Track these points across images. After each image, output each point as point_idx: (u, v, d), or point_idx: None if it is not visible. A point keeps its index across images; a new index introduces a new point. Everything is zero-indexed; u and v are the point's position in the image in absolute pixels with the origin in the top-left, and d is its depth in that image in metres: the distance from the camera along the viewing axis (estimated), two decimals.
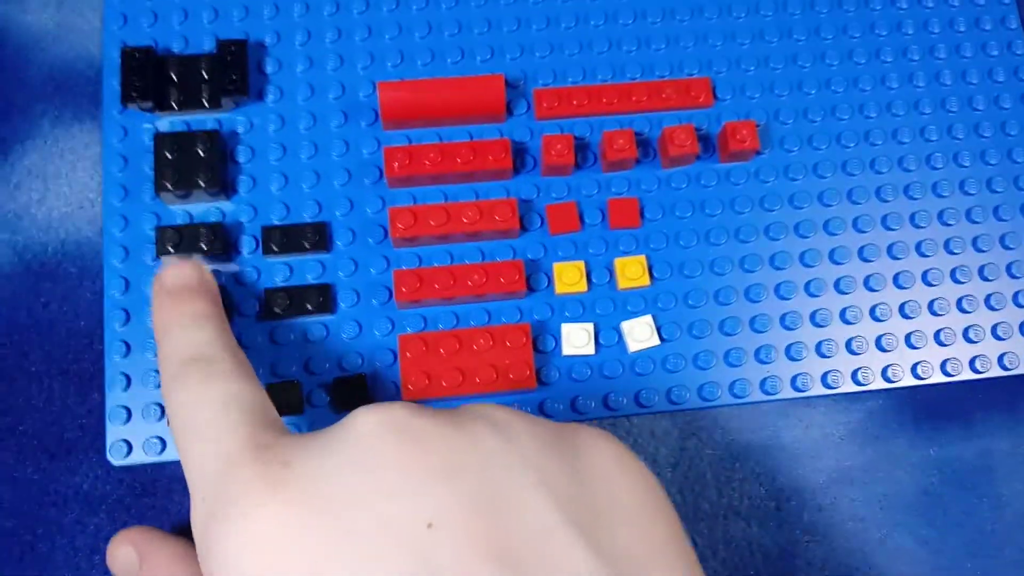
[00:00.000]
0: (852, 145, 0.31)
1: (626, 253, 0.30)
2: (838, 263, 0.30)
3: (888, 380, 0.29)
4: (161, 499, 0.28)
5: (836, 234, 0.30)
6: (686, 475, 0.30)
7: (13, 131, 0.31)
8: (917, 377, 0.30)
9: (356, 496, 0.17)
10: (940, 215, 0.31)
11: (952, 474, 0.30)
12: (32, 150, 0.31)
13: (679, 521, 0.20)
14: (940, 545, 0.30)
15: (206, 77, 0.29)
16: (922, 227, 0.31)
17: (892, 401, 0.31)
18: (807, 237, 0.30)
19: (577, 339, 0.29)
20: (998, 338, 0.30)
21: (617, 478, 0.19)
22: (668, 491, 0.29)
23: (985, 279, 0.31)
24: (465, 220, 0.28)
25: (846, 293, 0.30)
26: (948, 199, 0.31)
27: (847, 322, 0.30)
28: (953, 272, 0.30)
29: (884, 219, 0.31)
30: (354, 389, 0.28)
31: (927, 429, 0.31)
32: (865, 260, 0.30)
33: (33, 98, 0.31)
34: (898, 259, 0.30)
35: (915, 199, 0.31)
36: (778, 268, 0.30)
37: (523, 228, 0.30)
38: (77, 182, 0.30)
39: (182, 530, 0.28)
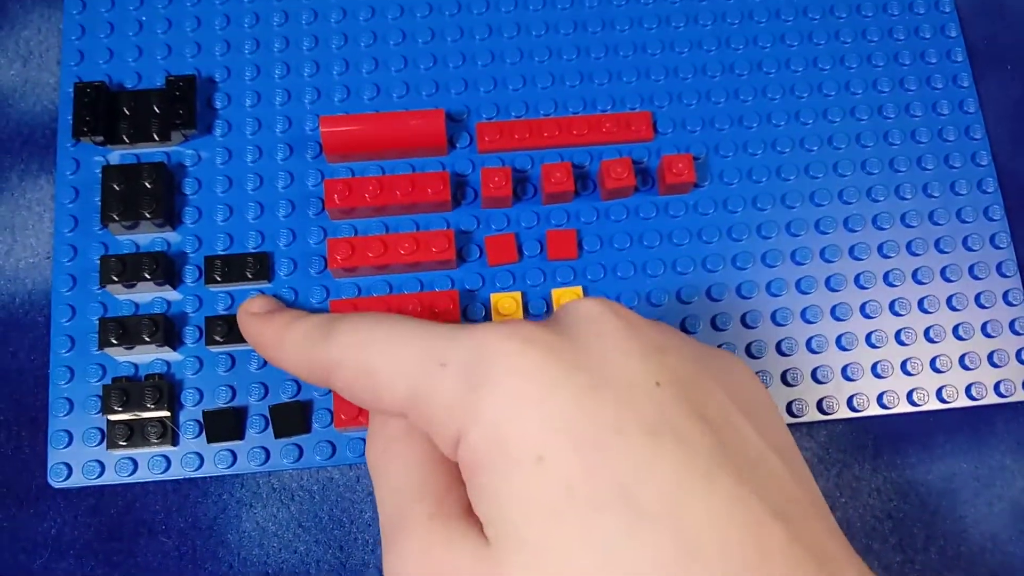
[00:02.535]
0: (792, 178, 0.31)
1: (563, 284, 0.30)
2: (775, 295, 0.30)
3: (854, 409, 0.30)
4: (127, 543, 0.29)
5: (774, 266, 0.31)
6: None
7: None
8: (883, 407, 0.30)
9: (601, 356, 0.19)
10: (880, 248, 0.31)
11: (915, 498, 0.30)
12: (0, 203, 0.32)
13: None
14: (906, 569, 0.30)
15: (156, 112, 0.30)
16: (861, 259, 0.31)
17: (854, 425, 0.31)
18: (744, 269, 0.31)
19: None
20: (965, 368, 0.30)
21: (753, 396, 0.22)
22: None
23: (953, 309, 0.31)
24: (402, 251, 0.29)
25: (782, 325, 0.30)
26: (888, 231, 0.31)
27: (813, 351, 0.30)
28: (921, 302, 0.31)
29: (823, 251, 0.31)
30: (291, 414, 0.28)
31: (889, 453, 0.31)
32: (803, 292, 0.31)
33: (1, 152, 0.32)
34: (836, 291, 0.31)
35: (855, 231, 0.31)
36: (714, 300, 0.30)
37: (461, 259, 0.30)
38: (43, 233, 0.31)
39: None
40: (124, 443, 0.28)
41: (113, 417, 0.28)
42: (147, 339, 0.28)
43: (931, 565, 0.30)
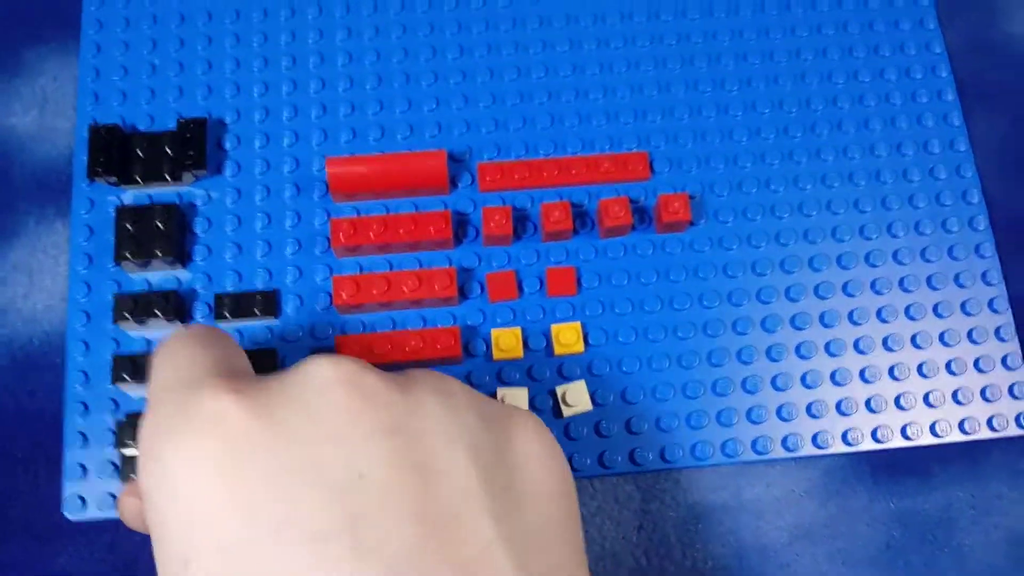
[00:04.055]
0: (785, 216, 0.32)
1: (563, 320, 0.31)
2: (770, 331, 0.31)
3: (848, 443, 0.30)
4: None
5: (768, 303, 0.31)
6: (650, 537, 0.31)
7: (0, 229, 0.33)
8: (877, 441, 0.30)
9: (298, 437, 0.18)
10: (873, 284, 0.32)
11: (914, 527, 0.31)
12: (18, 247, 0.33)
13: (577, 509, 0.22)
14: None
15: (168, 153, 0.31)
16: (854, 296, 0.32)
17: (850, 457, 0.31)
18: (739, 306, 0.31)
19: (515, 402, 0.30)
20: (958, 403, 0.31)
21: (536, 460, 0.21)
22: (634, 554, 0.30)
23: (945, 344, 0.31)
24: (406, 288, 0.30)
25: (776, 361, 0.31)
26: (880, 268, 0.32)
27: (807, 386, 0.31)
28: (914, 338, 0.31)
29: (817, 288, 0.32)
30: None
31: (886, 483, 0.31)
32: (798, 328, 0.31)
33: (18, 197, 0.33)
34: (830, 327, 0.31)
35: (848, 268, 0.32)
36: (710, 335, 0.31)
37: (463, 295, 0.31)
38: (59, 276, 0.32)
39: None
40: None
41: (127, 451, 0.29)
42: None
43: None
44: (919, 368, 0.31)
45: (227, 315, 0.30)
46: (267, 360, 0.29)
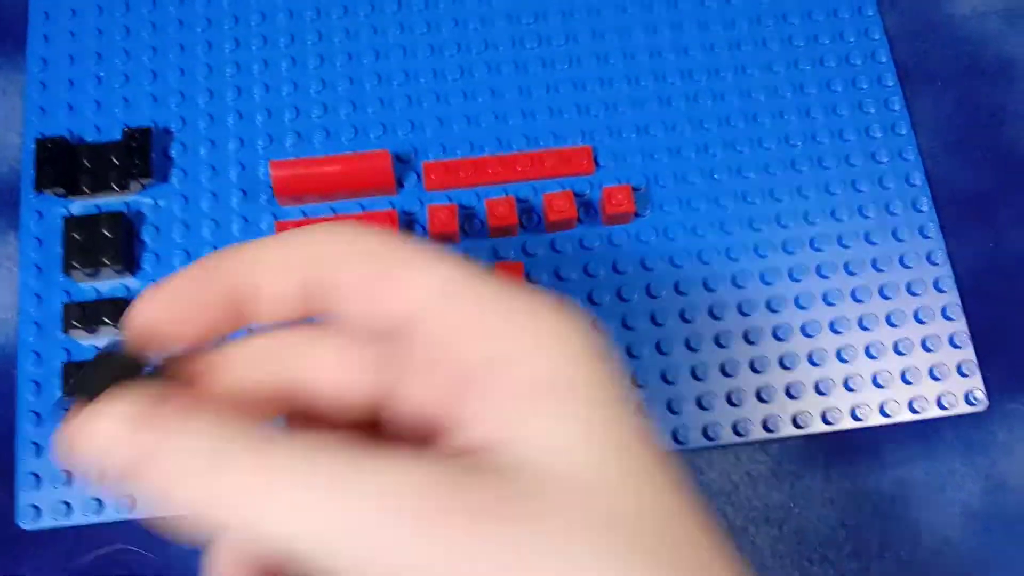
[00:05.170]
0: (729, 205, 0.33)
1: None
2: (717, 318, 0.31)
3: (798, 426, 0.30)
4: None
5: (715, 290, 0.32)
6: None
7: None
8: (827, 423, 0.31)
9: None
10: (818, 268, 0.32)
11: (869, 505, 0.31)
12: None
13: None
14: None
15: (115, 163, 0.31)
16: (800, 280, 0.32)
17: (804, 439, 0.32)
18: (686, 294, 0.32)
19: None
20: (907, 383, 0.31)
21: None
22: None
23: (892, 325, 0.32)
24: None
25: (724, 347, 0.31)
26: (825, 253, 0.32)
27: (756, 370, 0.31)
28: (860, 320, 0.32)
29: (762, 275, 0.32)
30: None
31: (840, 464, 0.31)
32: (744, 314, 0.31)
33: None
34: (776, 312, 0.32)
35: (792, 254, 0.32)
36: (658, 324, 0.31)
37: None
38: (12, 287, 0.32)
39: None
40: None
41: None
42: None
43: (887, 571, 0.30)
44: (866, 350, 0.31)
45: None
46: None
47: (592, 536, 0.14)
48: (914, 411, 0.31)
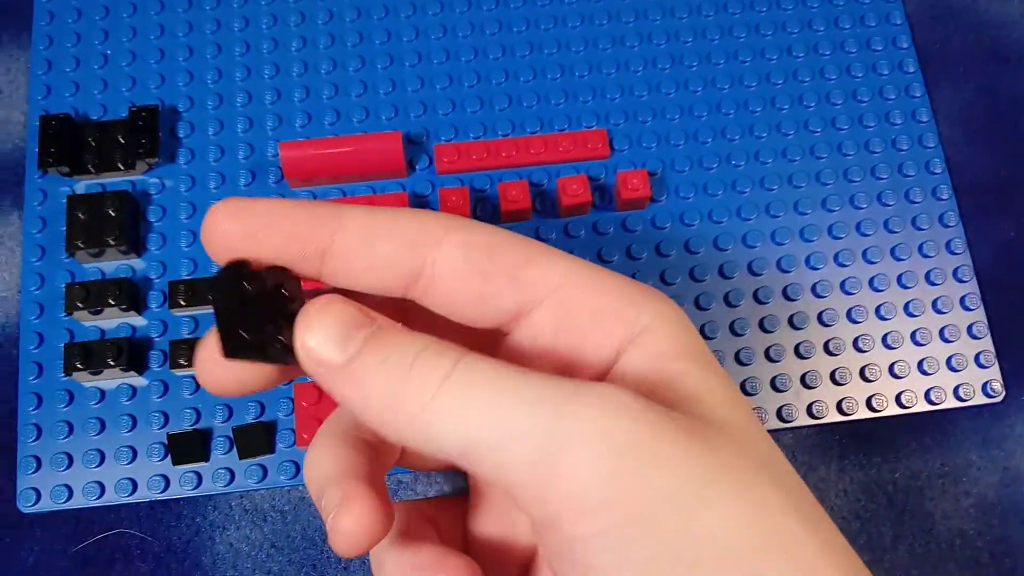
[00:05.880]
0: (747, 191, 0.32)
1: None
2: (733, 306, 0.31)
3: (813, 416, 0.30)
4: (104, 568, 0.29)
5: (731, 277, 0.31)
6: None
7: None
8: (843, 413, 0.30)
9: None
10: (836, 256, 0.32)
11: (883, 497, 0.31)
12: None
13: None
14: (875, 568, 0.30)
15: (121, 142, 0.31)
16: (818, 268, 0.31)
17: (819, 428, 0.31)
18: (701, 281, 0.31)
19: None
20: (924, 373, 0.30)
21: None
22: None
23: (911, 315, 0.31)
24: None
25: (740, 335, 0.31)
26: (844, 240, 0.32)
27: (771, 359, 0.30)
28: (878, 309, 0.31)
29: (779, 262, 0.31)
30: (255, 436, 0.29)
31: (855, 454, 0.31)
32: (760, 302, 0.31)
33: None
34: (793, 300, 0.31)
35: (810, 241, 0.32)
36: None
37: None
38: (16, 268, 0.32)
39: None
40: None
41: None
42: (112, 364, 0.29)
43: (899, 563, 0.30)
44: (884, 339, 0.31)
45: (182, 303, 0.30)
46: None
47: (761, 475, 0.16)
48: (931, 402, 0.30)
